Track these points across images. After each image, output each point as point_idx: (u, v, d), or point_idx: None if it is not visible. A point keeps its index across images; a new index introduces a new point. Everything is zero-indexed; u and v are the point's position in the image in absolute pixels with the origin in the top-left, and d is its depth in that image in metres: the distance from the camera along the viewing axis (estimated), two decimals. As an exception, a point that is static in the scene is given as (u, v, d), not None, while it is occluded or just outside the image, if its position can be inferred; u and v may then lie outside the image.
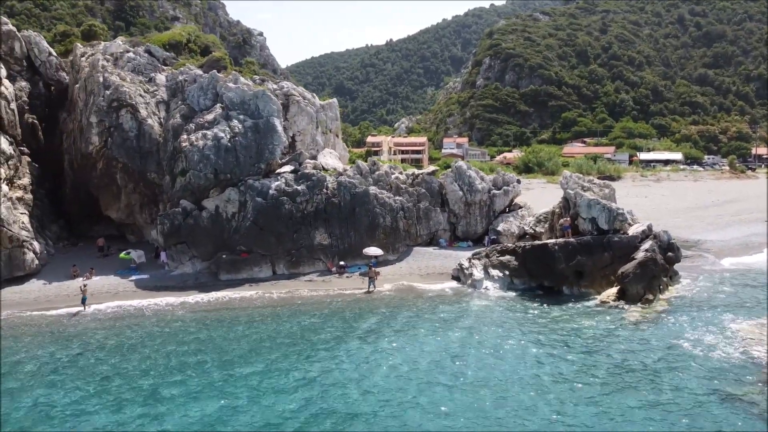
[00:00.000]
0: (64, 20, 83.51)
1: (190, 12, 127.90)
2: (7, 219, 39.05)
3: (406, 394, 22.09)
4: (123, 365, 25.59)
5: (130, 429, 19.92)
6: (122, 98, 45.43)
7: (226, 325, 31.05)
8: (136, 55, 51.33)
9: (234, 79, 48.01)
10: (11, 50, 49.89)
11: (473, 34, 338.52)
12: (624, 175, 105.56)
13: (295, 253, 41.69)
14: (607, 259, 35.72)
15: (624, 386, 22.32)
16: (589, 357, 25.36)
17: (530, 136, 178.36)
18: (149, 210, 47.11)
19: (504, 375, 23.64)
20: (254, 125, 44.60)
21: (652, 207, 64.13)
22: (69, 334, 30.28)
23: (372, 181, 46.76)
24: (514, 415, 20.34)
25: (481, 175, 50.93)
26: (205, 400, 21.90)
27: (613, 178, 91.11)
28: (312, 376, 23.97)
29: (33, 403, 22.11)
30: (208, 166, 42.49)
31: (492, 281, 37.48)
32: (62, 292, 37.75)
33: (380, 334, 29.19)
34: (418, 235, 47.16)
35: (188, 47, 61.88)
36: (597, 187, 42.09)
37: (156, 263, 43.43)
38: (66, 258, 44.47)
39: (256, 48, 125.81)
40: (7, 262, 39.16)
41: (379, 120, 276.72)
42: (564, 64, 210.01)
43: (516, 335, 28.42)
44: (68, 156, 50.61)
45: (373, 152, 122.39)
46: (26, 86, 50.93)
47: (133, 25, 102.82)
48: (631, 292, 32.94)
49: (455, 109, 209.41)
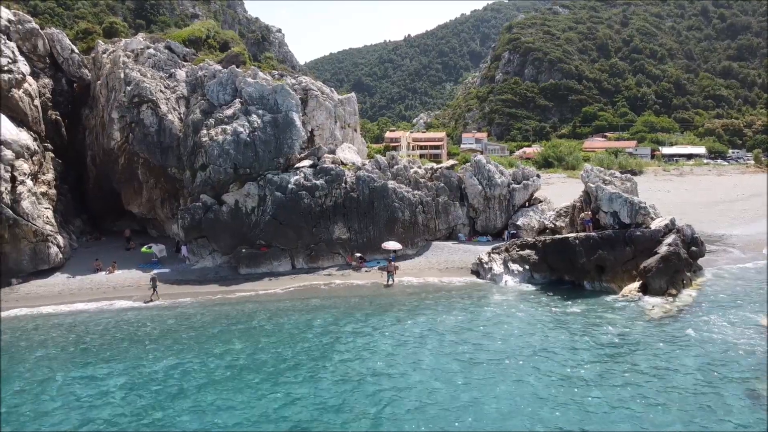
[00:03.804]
0: (86, 18, 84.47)
1: (209, 9, 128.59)
2: (32, 213, 39.68)
3: (427, 387, 22.00)
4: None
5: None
6: (143, 94, 45.85)
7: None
8: (157, 51, 51.75)
9: (253, 74, 48.21)
10: (35, 48, 50.60)
11: (492, 29, 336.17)
12: (646, 169, 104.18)
13: (314, 247, 41.79)
14: (629, 254, 35.23)
15: (646, 382, 21.98)
16: (611, 352, 25.04)
17: (550, 130, 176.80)
18: (170, 205, 47.58)
19: (524, 370, 23.42)
20: (273, 120, 44.74)
21: (675, 201, 63.17)
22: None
23: (391, 175, 46.67)
24: (532, 410, 20.14)
25: (501, 170, 50.57)
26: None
27: (635, 173, 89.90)
28: (341, 370, 24.04)
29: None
30: (227, 160, 42.74)
31: (512, 276, 37.22)
32: (85, 286, 38.28)
33: (399, 328, 29.10)
34: (437, 230, 46.98)
35: (207, 43, 62.30)
36: (618, 181, 41.56)
37: (177, 257, 43.90)
38: (89, 252, 45.14)
39: (274, 44, 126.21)
40: (32, 256, 39.85)
41: (398, 116, 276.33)
42: (584, 57, 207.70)
43: (536, 330, 28.17)
44: (91, 152, 51.29)
45: (392, 148, 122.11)
46: (49, 83, 51.66)
47: (153, 23, 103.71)
48: (654, 287, 32.45)
49: (474, 104, 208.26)
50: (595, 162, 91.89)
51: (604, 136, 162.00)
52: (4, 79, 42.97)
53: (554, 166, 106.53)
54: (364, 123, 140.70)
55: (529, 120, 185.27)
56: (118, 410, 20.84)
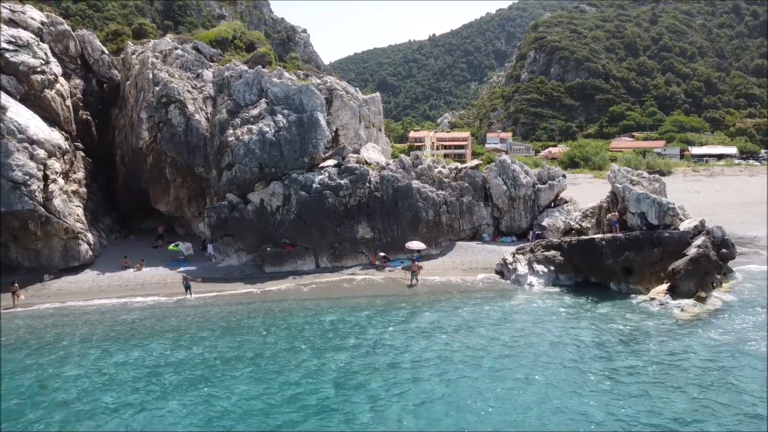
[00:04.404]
0: (116, 20, 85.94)
1: (235, 10, 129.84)
2: (63, 211, 40.56)
3: (449, 388, 21.94)
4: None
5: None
6: (171, 94, 46.51)
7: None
8: (184, 52, 52.47)
9: (278, 74, 48.58)
10: (66, 49, 51.72)
11: (517, 28, 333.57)
12: (675, 170, 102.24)
13: (338, 246, 41.95)
14: (657, 255, 34.64)
15: (673, 386, 21.59)
16: (638, 354, 24.66)
17: (576, 130, 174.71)
18: (197, 203, 48.21)
19: (550, 371, 23.20)
20: (298, 120, 45.03)
21: (705, 202, 61.92)
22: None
23: (415, 175, 46.63)
24: (557, 411, 19.95)
25: (526, 169, 50.18)
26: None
27: (663, 173, 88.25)
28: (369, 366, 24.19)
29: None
30: (253, 160, 43.13)
31: (536, 276, 36.88)
32: (114, 283, 39.02)
33: (424, 328, 29.05)
34: (461, 230, 46.79)
35: (234, 44, 62.89)
36: (646, 181, 40.91)
37: (203, 255, 44.47)
38: (118, 249, 46.00)
39: (299, 45, 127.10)
40: (63, 253, 40.78)
41: (422, 115, 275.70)
42: (611, 56, 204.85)
43: (561, 331, 27.88)
44: (120, 151, 52.23)
45: (416, 147, 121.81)
46: (80, 83, 52.76)
47: (181, 24, 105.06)
48: (683, 289, 31.85)
49: (499, 104, 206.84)
50: (622, 162, 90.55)
51: (632, 136, 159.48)
52: (38, 79, 44.00)
53: (580, 166, 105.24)
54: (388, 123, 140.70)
55: (554, 119, 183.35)
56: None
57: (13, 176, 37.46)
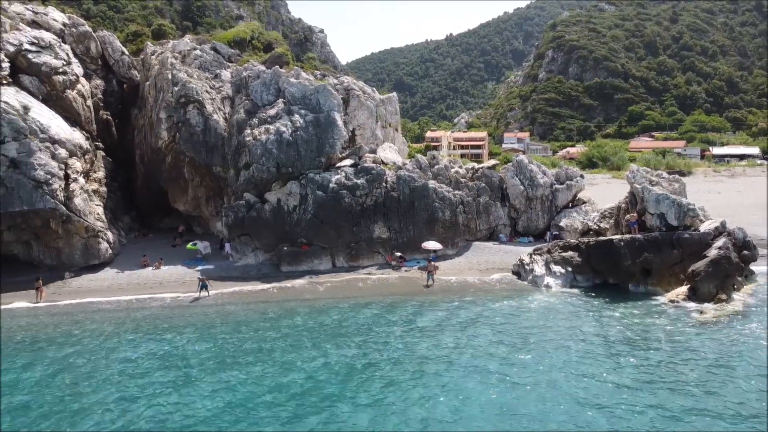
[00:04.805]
0: (136, 21, 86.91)
1: (253, 11, 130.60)
2: (84, 210, 41.12)
3: (464, 389, 21.89)
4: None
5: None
6: (189, 94, 46.93)
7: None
8: (203, 52, 52.92)
9: (296, 75, 48.80)
10: (87, 50, 52.43)
11: (535, 27, 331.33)
12: (695, 170, 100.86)
13: (355, 246, 42.02)
14: (677, 257, 34.24)
15: (690, 390, 21.30)
16: (656, 357, 24.37)
17: (594, 130, 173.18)
18: (215, 203, 48.60)
19: (567, 373, 23.03)
20: (315, 119, 45.19)
21: (726, 203, 60.93)
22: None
23: (431, 175, 46.57)
24: (574, 414, 19.80)
25: (543, 170, 49.85)
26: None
27: (683, 174, 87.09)
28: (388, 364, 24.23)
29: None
30: (270, 159, 43.36)
31: (554, 277, 36.62)
32: (133, 281, 39.48)
33: (442, 328, 29.01)
34: (477, 230, 46.62)
35: (252, 44, 63.24)
36: (666, 182, 40.44)
37: (221, 254, 44.80)
38: (137, 248, 46.52)
39: (317, 45, 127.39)
40: (83, 251, 41.36)
41: (439, 115, 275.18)
42: (631, 55, 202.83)
43: (579, 332, 27.66)
44: (139, 150, 52.82)
45: (433, 147, 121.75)
46: (101, 84, 53.45)
47: (199, 25, 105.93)
48: (703, 291, 31.44)
49: (516, 104, 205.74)
50: (641, 162, 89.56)
51: (651, 136, 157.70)
52: (59, 80, 44.65)
53: (599, 166, 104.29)
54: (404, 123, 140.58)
55: (573, 119, 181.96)
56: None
57: (35, 175, 38.06)
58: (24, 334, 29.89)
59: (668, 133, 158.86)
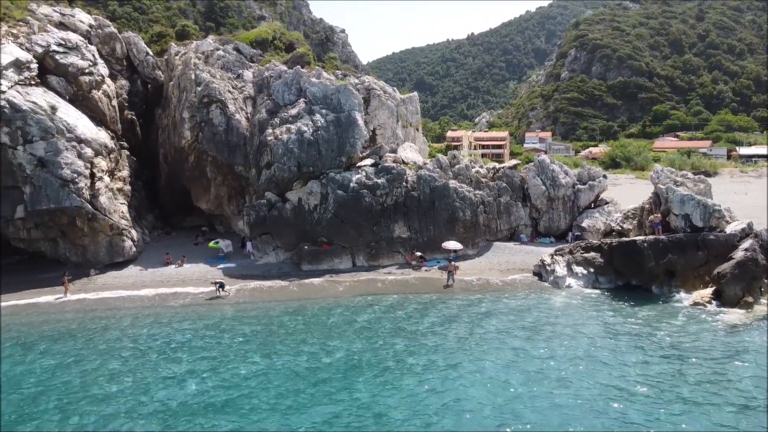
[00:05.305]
0: (160, 22, 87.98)
1: (275, 11, 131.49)
2: (108, 208, 41.80)
3: (484, 392, 21.80)
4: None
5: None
6: (212, 94, 47.43)
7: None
8: (226, 52, 53.43)
9: (317, 74, 49.02)
10: (113, 51, 53.24)
11: (558, 26, 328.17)
12: (721, 170, 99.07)
13: (375, 245, 42.09)
14: (702, 258, 33.72)
15: (715, 395, 20.92)
16: (680, 361, 24.00)
17: (618, 130, 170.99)
18: (236, 202, 49.05)
19: (589, 376, 22.80)
20: (336, 119, 45.36)
21: (754, 204, 59.64)
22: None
23: (452, 174, 46.46)
24: (595, 418, 19.60)
25: (565, 170, 49.42)
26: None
27: (709, 174, 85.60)
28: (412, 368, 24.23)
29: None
30: (291, 159, 43.63)
31: (575, 278, 36.30)
32: (156, 278, 40.02)
33: (463, 329, 28.93)
34: (498, 230, 46.37)
35: (274, 44, 63.64)
36: (691, 182, 39.84)
37: (242, 253, 45.18)
38: (160, 246, 47.15)
39: (338, 45, 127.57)
40: (108, 249, 42.06)
41: (460, 115, 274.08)
42: (655, 54, 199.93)
43: (601, 335, 27.36)
44: (163, 150, 53.50)
45: (453, 147, 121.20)
46: (126, 84, 54.25)
47: (222, 25, 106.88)
48: (728, 294, 30.89)
49: (538, 103, 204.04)
50: (665, 162, 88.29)
51: (676, 136, 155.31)
52: (86, 80, 45.43)
53: (622, 166, 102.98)
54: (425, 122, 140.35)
55: (595, 119, 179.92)
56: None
57: (62, 174, 38.79)
58: (49, 326, 30.60)
59: (693, 133, 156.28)
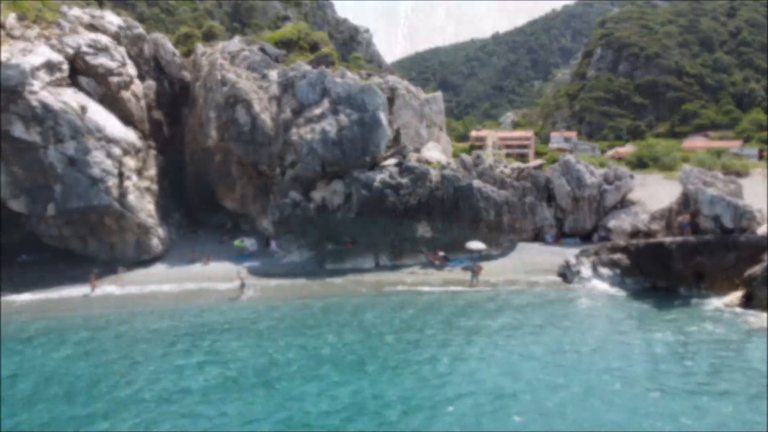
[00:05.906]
0: (187, 23, 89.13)
1: (300, 11, 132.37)
2: (136, 207, 42.51)
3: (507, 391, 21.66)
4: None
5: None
6: (238, 94, 47.89)
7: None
8: (251, 53, 53.89)
9: (341, 74, 49.18)
10: (141, 52, 54.08)
11: (584, 24, 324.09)
12: (753, 171, 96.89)
13: (398, 245, 42.11)
14: (732, 260, 32.98)
15: (745, 402, 20.49)
16: (709, 365, 23.52)
17: (645, 129, 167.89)
18: (261, 200, 49.45)
19: (615, 379, 22.49)
20: (360, 119, 45.46)
21: (786, 206, 58.39)
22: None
23: (476, 174, 46.25)
24: (621, 422, 19.35)
25: (591, 170, 48.86)
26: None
27: (740, 175, 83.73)
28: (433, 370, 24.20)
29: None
30: (316, 158, 43.86)
31: (601, 280, 35.86)
32: (183, 276, 40.56)
33: (486, 330, 28.77)
34: (522, 230, 46.03)
35: (298, 44, 64.00)
36: (721, 183, 39.02)
37: (267, 251, 45.58)
38: (186, 244, 47.77)
39: (362, 44, 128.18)
40: (135, 246, 42.78)
41: (484, 114, 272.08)
42: (685, 52, 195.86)
43: (627, 337, 26.94)
44: (189, 149, 54.19)
45: (477, 147, 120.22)
46: (153, 85, 55.01)
47: (247, 26, 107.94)
48: (759, 297, 30.15)
49: (564, 102, 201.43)
50: (695, 162, 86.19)
51: (706, 136, 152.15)
52: (114, 81, 46.26)
53: (649, 166, 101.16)
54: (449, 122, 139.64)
55: (622, 118, 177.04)
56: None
57: (91, 173, 39.56)
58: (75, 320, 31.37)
59: (724, 133, 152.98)
